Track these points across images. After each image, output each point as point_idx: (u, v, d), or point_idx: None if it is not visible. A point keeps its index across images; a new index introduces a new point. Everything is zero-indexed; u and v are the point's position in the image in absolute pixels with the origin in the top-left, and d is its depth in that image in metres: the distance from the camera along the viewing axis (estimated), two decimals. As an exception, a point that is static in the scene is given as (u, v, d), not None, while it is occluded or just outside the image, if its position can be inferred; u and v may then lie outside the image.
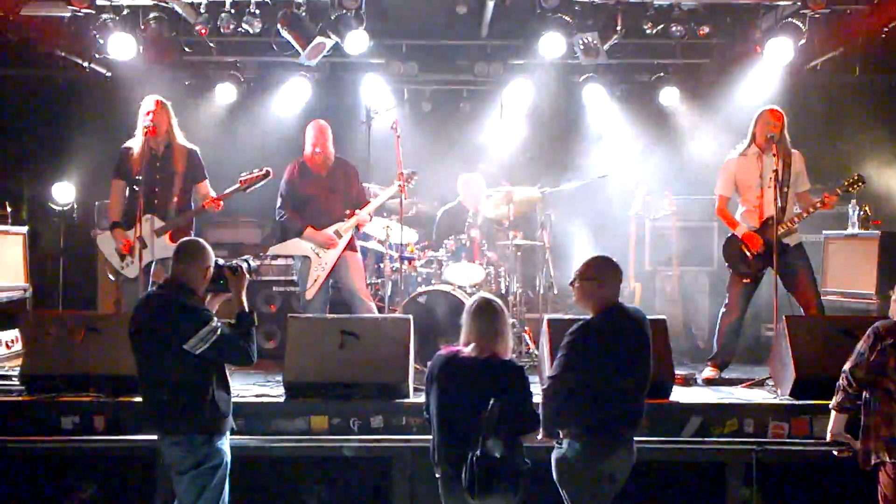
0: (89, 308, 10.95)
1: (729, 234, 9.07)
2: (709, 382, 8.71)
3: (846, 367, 6.04)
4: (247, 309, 6.11)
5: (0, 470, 7.50)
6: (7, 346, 9.31)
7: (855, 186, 8.71)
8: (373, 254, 10.57)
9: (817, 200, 8.66)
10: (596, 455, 5.73)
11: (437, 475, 5.78)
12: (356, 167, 9.81)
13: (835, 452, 6.38)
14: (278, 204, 9.49)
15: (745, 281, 8.91)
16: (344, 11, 9.50)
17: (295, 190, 9.43)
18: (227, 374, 6.13)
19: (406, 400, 7.64)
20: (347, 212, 9.40)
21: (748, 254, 8.80)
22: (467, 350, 5.71)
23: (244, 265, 6.23)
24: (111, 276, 9.02)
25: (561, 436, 5.82)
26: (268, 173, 8.79)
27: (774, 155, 8.47)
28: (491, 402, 5.36)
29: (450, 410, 5.61)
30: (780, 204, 8.51)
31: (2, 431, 7.40)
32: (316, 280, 9.26)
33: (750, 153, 8.91)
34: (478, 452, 5.34)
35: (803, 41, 10.12)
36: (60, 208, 10.96)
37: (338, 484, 7.69)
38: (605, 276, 5.93)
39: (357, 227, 9.47)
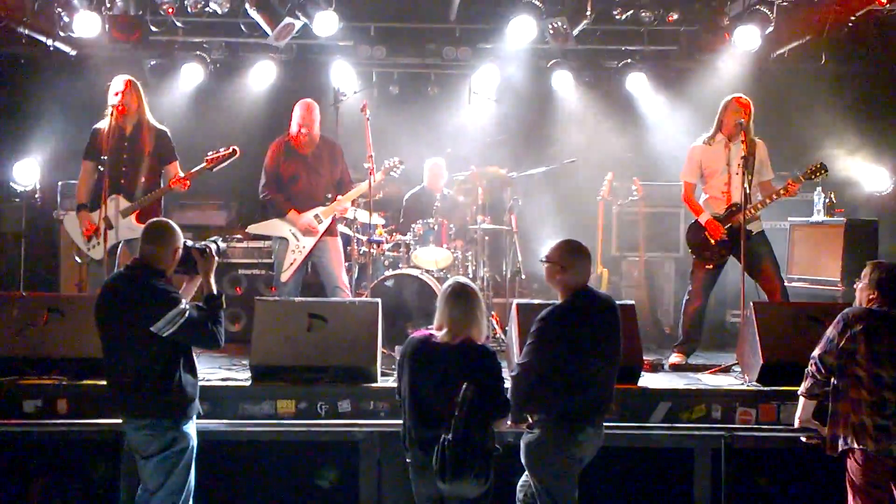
0: (51, 290, 10.79)
1: (692, 221, 9.10)
2: (675, 368, 8.75)
3: (815, 353, 6.09)
4: (215, 291, 6.05)
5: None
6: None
7: (818, 174, 8.70)
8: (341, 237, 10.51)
9: (780, 188, 8.69)
10: (567, 440, 5.73)
11: (407, 459, 5.76)
12: (341, 148, 9.72)
13: (803, 439, 6.44)
14: (262, 182, 9.38)
15: (708, 267, 8.94)
16: (313, -8, 9.42)
17: (278, 169, 9.33)
18: (194, 357, 6.07)
19: (374, 384, 7.60)
20: (329, 195, 9.35)
21: (711, 240, 8.83)
22: (440, 334, 5.67)
23: (213, 247, 6.17)
24: (77, 259, 8.92)
25: (531, 421, 5.82)
26: (234, 151, 8.66)
27: (742, 142, 8.51)
28: (464, 386, 5.33)
29: (422, 394, 5.58)
30: (744, 194, 8.52)
31: (-40, 414, 7.30)
32: (292, 264, 9.19)
33: (716, 141, 8.93)
34: (449, 437, 5.31)
35: (770, 29, 10.16)
36: (22, 188, 10.81)
37: (305, 468, 7.64)
38: (568, 261, 5.92)
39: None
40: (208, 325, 5.89)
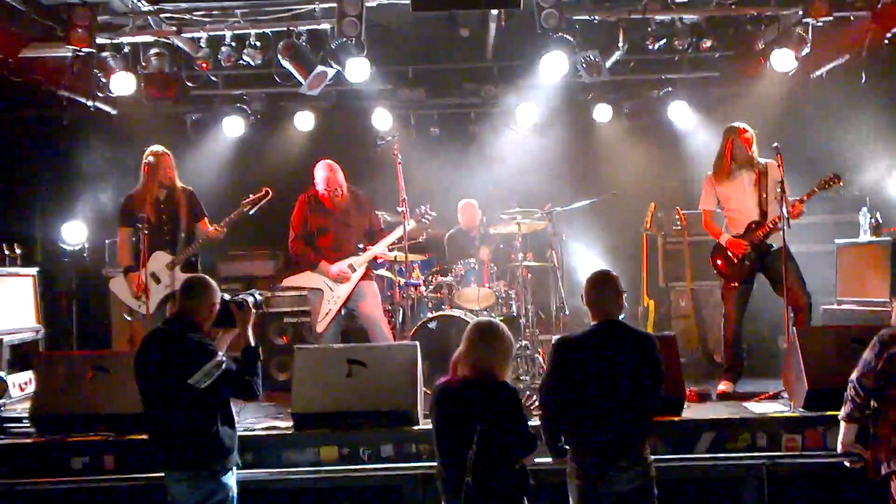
0: (104, 347, 10.93)
1: (714, 245, 9.16)
2: (724, 397, 8.68)
3: (853, 376, 6.00)
4: (252, 344, 6.09)
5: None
6: (21, 388, 9.24)
7: (831, 184, 8.67)
8: (382, 281, 10.53)
9: (793, 200, 8.57)
10: (593, 475, 5.63)
11: (442, 503, 5.72)
12: (369, 196, 9.78)
13: (846, 463, 6.30)
14: (291, 237, 9.44)
15: (734, 285, 8.99)
16: (344, 39, 9.41)
17: (307, 223, 9.39)
18: (234, 409, 6.10)
19: (415, 427, 7.59)
20: (361, 245, 9.39)
21: (734, 259, 8.87)
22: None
23: (250, 300, 6.22)
24: (127, 317, 9.05)
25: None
26: (267, 192, 8.84)
27: (753, 171, 8.78)
28: (478, 427, 5.26)
29: (446, 437, 5.54)
30: (761, 212, 8.76)
31: (12, 474, 7.40)
32: (327, 314, 9.23)
33: (727, 169, 9.07)
34: (469, 479, 5.22)
35: (807, 50, 10.05)
36: (71, 248, 10.99)
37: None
38: (587, 294, 5.91)
39: (374, 259, 9.48)
40: (245, 377, 5.93)
